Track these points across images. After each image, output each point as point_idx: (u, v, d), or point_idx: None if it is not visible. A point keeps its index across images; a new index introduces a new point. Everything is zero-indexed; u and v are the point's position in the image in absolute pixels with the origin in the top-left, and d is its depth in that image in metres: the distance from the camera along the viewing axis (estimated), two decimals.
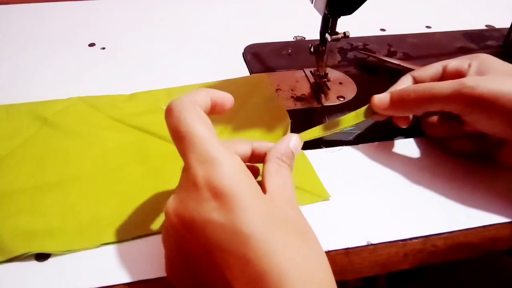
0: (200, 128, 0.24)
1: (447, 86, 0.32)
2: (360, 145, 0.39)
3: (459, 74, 0.35)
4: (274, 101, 0.43)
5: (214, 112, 0.28)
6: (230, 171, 0.23)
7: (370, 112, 0.36)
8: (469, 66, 0.35)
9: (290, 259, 0.21)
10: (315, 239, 0.24)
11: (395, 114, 0.36)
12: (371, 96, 0.36)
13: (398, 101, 0.35)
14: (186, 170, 0.24)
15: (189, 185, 0.23)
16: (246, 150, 0.30)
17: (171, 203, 0.24)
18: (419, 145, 0.39)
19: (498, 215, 0.33)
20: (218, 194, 0.22)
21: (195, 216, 0.22)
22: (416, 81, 0.38)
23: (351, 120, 0.36)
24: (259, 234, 0.21)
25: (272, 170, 0.27)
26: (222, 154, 0.23)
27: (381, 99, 0.35)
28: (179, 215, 0.23)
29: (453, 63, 0.36)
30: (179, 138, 0.24)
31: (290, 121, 0.40)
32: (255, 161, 0.30)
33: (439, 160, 0.38)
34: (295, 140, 0.29)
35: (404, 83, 0.37)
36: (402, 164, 0.37)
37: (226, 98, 0.28)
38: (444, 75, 0.36)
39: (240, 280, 0.21)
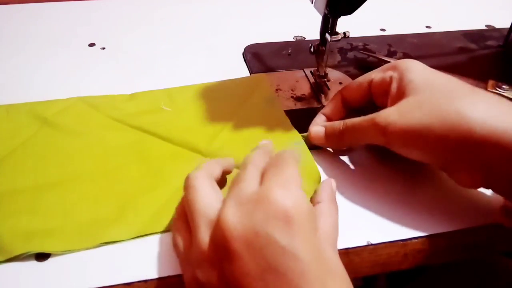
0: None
1: (363, 123, 0.33)
2: (360, 145, 0.39)
3: (383, 89, 0.34)
4: (274, 102, 0.43)
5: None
6: (303, 198, 0.24)
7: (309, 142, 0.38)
8: (391, 79, 0.34)
9: None
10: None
11: (330, 146, 0.38)
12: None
13: (330, 136, 0.36)
14: (261, 185, 0.25)
15: (259, 199, 0.23)
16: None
17: (231, 214, 0.23)
18: None
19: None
20: (286, 217, 0.23)
21: (260, 231, 0.22)
22: (345, 99, 0.37)
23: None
24: (315, 271, 0.22)
25: (326, 210, 0.29)
26: (295, 181, 0.25)
27: (316, 132, 0.37)
28: (242, 228, 0.23)
29: (376, 78, 0.35)
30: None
31: (289, 121, 0.40)
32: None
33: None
34: (334, 183, 0.32)
35: (333, 104, 0.38)
36: (402, 164, 0.37)
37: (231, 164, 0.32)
38: (372, 90, 0.36)
39: None
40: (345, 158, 0.38)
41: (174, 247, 0.28)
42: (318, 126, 0.37)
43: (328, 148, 0.38)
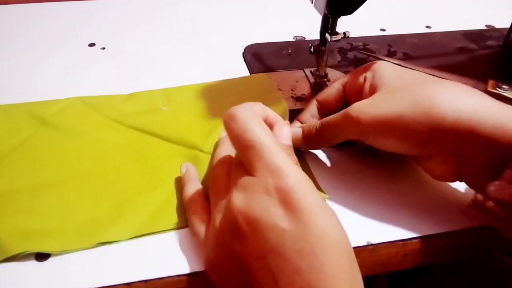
0: (268, 139, 0.26)
1: (337, 118, 0.33)
2: (358, 148, 0.39)
3: (357, 90, 0.35)
4: (276, 95, 0.43)
5: None
6: (299, 182, 0.25)
7: None
8: (364, 80, 0.34)
9: (340, 279, 0.23)
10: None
11: (308, 149, 0.38)
12: None
13: (307, 136, 0.36)
14: (254, 175, 0.26)
15: (257, 189, 0.25)
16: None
17: (237, 201, 0.25)
18: None
19: None
20: (287, 202, 0.24)
21: (260, 218, 0.24)
22: (320, 105, 0.38)
23: None
24: (314, 249, 0.23)
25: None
26: (290, 166, 0.25)
27: (295, 134, 0.36)
28: (244, 214, 0.25)
29: (350, 79, 0.36)
30: (246, 146, 0.26)
31: (287, 106, 0.40)
32: None
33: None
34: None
35: (309, 110, 0.38)
36: (402, 164, 0.37)
37: (278, 118, 0.30)
38: (346, 93, 0.36)
39: (289, 286, 0.23)
40: (345, 158, 0.38)
41: (191, 231, 0.31)
42: (296, 128, 0.37)
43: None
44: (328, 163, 0.37)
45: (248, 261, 0.24)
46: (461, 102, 0.29)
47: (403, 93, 0.31)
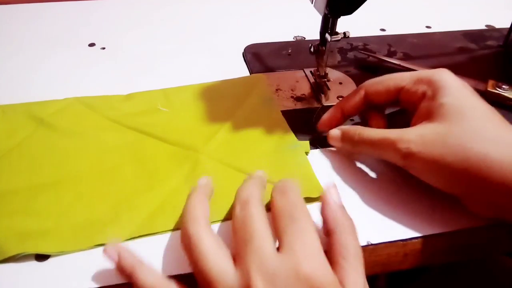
0: (312, 223, 0.26)
1: (381, 141, 0.32)
2: None
3: (413, 100, 0.34)
4: (271, 103, 0.43)
5: None
6: (329, 273, 0.24)
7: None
8: (424, 94, 0.33)
9: None
10: None
11: (343, 151, 0.37)
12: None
13: (345, 141, 0.36)
14: (284, 253, 0.24)
15: (288, 273, 0.23)
16: None
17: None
18: None
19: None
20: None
21: None
22: (368, 95, 0.36)
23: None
24: None
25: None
26: (323, 253, 0.25)
27: (334, 135, 0.36)
28: None
29: (408, 87, 0.34)
30: (291, 219, 0.26)
31: (286, 123, 0.40)
32: None
33: None
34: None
35: (355, 99, 0.37)
36: None
37: None
38: (400, 96, 0.35)
39: None
40: (345, 158, 0.38)
41: None
42: (336, 130, 0.36)
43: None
44: (328, 163, 0.37)
45: None
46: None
47: (457, 142, 0.29)
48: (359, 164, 0.37)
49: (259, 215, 0.26)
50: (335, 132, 0.37)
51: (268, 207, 0.29)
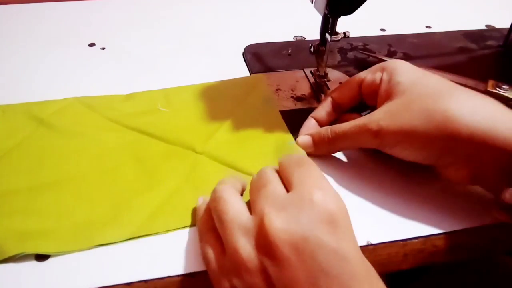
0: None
1: (353, 129, 0.34)
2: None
3: (373, 90, 0.35)
4: (270, 103, 0.43)
5: None
6: (341, 201, 0.25)
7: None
8: (381, 81, 0.35)
9: None
10: None
11: (319, 154, 0.37)
12: None
13: (319, 144, 0.36)
14: (296, 190, 0.25)
15: (302, 203, 0.24)
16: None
17: (277, 220, 0.23)
18: None
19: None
20: (332, 220, 0.23)
21: (309, 236, 0.22)
22: (335, 101, 0.38)
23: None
24: (363, 269, 0.23)
25: None
26: (329, 184, 0.26)
27: (304, 142, 0.37)
28: (289, 232, 0.23)
29: (367, 79, 0.36)
30: (298, 164, 0.27)
31: (284, 124, 0.40)
32: None
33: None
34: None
35: (324, 107, 0.38)
36: (402, 164, 0.37)
37: None
38: (362, 91, 0.37)
39: None
40: (344, 158, 0.38)
41: (204, 260, 0.27)
42: (305, 136, 0.37)
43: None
44: (327, 163, 0.37)
45: (291, 287, 0.22)
46: (476, 115, 0.29)
47: (419, 106, 0.31)
48: (358, 165, 0.37)
49: (272, 172, 0.28)
50: (304, 139, 0.37)
51: None
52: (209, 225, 0.28)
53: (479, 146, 0.29)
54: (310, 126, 0.38)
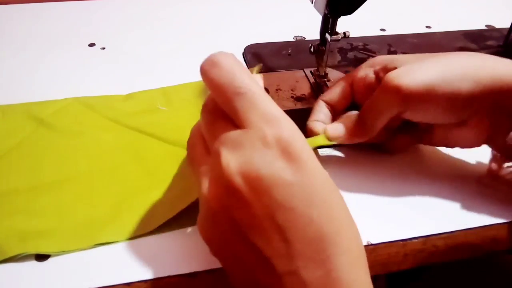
0: (259, 87, 0.24)
1: (375, 94, 0.33)
2: (360, 145, 0.39)
3: (367, 85, 0.35)
4: None
5: None
6: (295, 131, 0.23)
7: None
8: (376, 73, 0.35)
9: (346, 219, 0.23)
10: None
11: (352, 141, 0.35)
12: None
13: (351, 127, 0.34)
14: (246, 127, 0.23)
15: (254, 142, 0.22)
16: None
17: (231, 161, 0.22)
18: (419, 145, 0.39)
19: (498, 215, 0.33)
20: (288, 153, 0.22)
21: (263, 174, 0.22)
22: (329, 104, 0.37)
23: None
24: (322, 195, 0.22)
25: None
26: (284, 114, 0.23)
27: (336, 129, 0.34)
28: (244, 174, 0.22)
29: (358, 76, 0.35)
30: (235, 94, 0.23)
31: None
32: None
33: (439, 160, 0.38)
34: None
35: (321, 111, 0.37)
36: (402, 163, 0.37)
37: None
38: (354, 90, 0.36)
39: (301, 239, 0.22)
40: (344, 158, 0.38)
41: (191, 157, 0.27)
42: (335, 124, 0.35)
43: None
44: (327, 163, 0.37)
45: (251, 224, 0.22)
46: (494, 65, 0.31)
47: (436, 60, 0.32)
48: (359, 164, 0.37)
49: (216, 108, 0.25)
50: (335, 126, 0.35)
51: None
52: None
53: (500, 95, 0.30)
54: (319, 126, 0.36)
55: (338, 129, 0.34)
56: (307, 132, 0.36)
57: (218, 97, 0.24)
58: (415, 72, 0.31)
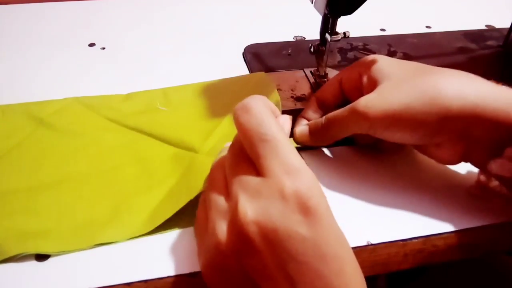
0: (284, 136, 0.25)
1: (344, 114, 0.33)
2: (359, 145, 0.39)
3: (354, 84, 0.35)
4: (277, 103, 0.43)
5: None
6: (313, 185, 0.23)
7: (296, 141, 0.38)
8: (361, 73, 0.35)
9: (358, 278, 0.23)
10: None
11: (314, 145, 0.37)
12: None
13: (314, 132, 0.36)
14: (265, 175, 0.24)
15: (273, 194, 0.23)
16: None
17: (249, 210, 0.23)
18: None
19: (498, 216, 0.33)
20: (305, 208, 0.23)
21: (279, 227, 0.22)
22: (319, 101, 0.38)
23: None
24: (334, 251, 0.23)
25: None
26: (304, 166, 0.24)
27: (301, 131, 0.37)
28: (260, 224, 0.23)
29: (345, 75, 0.36)
30: (260, 140, 0.24)
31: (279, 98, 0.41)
32: None
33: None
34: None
35: (311, 107, 0.39)
36: (403, 164, 0.37)
37: (279, 112, 0.29)
38: (343, 88, 0.37)
39: None
40: (344, 158, 0.38)
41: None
42: (302, 126, 0.37)
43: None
44: (327, 163, 0.37)
45: (261, 273, 0.23)
46: (465, 89, 0.30)
47: (409, 84, 0.31)
48: (358, 164, 0.37)
49: (241, 150, 0.26)
50: (301, 129, 0.37)
51: None
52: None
53: (470, 120, 0.29)
54: (301, 123, 0.38)
55: (303, 131, 0.37)
56: (294, 138, 0.38)
57: (244, 140, 0.25)
58: (384, 100, 0.31)
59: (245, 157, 0.25)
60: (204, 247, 0.26)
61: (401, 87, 0.31)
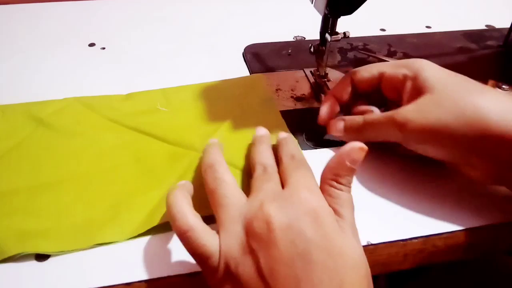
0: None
1: (381, 120, 0.34)
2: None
3: (396, 86, 0.35)
4: (270, 103, 0.43)
5: None
6: (324, 200, 0.27)
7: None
8: (405, 77, 0.34)
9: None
10: None
11: (347, 140, 0.37)
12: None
13: (349, 129, 0.37)
14: (289, 186, 0.28)
15: (292, 197, 0.27)
16: None
17: (271, 209, 0.26)
18: None
19: (498, 216, 0.33)
20: (315, 215, 0.26)
21: (293, 224, 0.25)
22: (354, 82, 0.38)
23: None
24: (337, 265, 0.24)
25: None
26: (320, 191, 0.28)
27: (337, 126, 0.37)
28: (279, 221, 0.25)
29: (388, 72, 0.36)
30: (299, 160, 0.31)
31: (285, 123, 0.40)
32: None
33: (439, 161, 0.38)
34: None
35: (343, 85, 0.38)
36: (403, 164, 0.37)
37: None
38: (382, 82, 0.36)
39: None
40: None
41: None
42: (339, 120, 0.37)
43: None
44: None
45: (273, 266, 0.24)
46: (507, 114, 0.29)
47: (450, 103, 0.31)
48: (359, 165, 0.37)
49: (274, 171, 0.31)
50: (338, 123, 0.37)
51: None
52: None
53: (507, 146, 0.29)
54: (329, 103, 0.38)
55: (338, 126, 0.37)
56: (327, 128, 0.38)
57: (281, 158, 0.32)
58: (423, 115, 0.31)
59: (274, 176, 0.30)
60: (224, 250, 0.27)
61: (442, 103, 0.31)
